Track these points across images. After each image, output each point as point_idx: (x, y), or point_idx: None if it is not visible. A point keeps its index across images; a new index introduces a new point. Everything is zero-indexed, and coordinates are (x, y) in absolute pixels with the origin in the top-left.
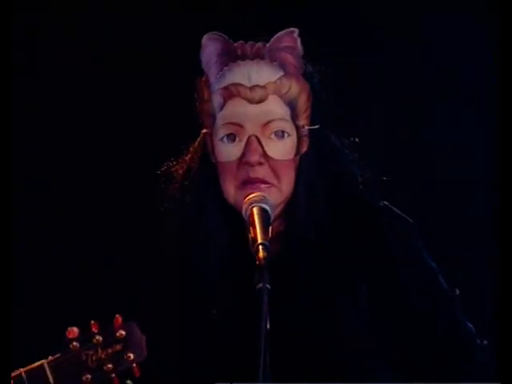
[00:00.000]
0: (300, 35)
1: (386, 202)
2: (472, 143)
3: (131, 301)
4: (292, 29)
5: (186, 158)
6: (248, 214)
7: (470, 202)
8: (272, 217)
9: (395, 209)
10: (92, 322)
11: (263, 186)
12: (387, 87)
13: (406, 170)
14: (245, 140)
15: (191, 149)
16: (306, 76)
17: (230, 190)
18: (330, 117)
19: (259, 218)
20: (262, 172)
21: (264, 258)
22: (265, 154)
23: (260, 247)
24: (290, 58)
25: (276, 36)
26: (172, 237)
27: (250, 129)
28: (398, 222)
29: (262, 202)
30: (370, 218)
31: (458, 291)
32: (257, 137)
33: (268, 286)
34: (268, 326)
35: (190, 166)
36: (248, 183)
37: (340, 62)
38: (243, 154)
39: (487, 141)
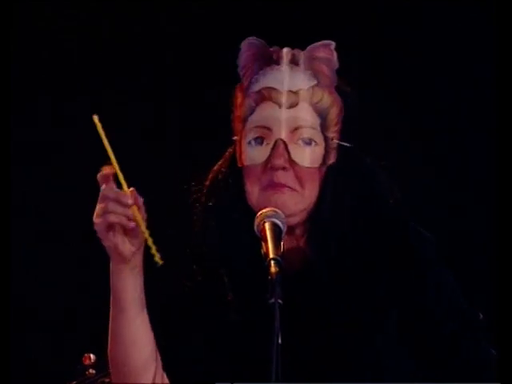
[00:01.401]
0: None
1: (413, 223)
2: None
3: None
4: (329, 41)
5: (215, 169)
6: (260, 229)
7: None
8: (284, 230)
9: (423, 230)
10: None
11: (286, 189)
12: (417, 109)
13: (434, 190)
14: (272, 143)
15: (222, 158)
16: (341, 93)
17: (254, 192)
18: (361, 136)
19: (271, 233)
20: (285, 178)
21: (276, 272)
22: (290, 160)
23: (272, 262)
24: (324, 69)
25: (313, 45)
26: (197, 240)
27: (278, 133)
28: (427, 244)
29: (273, 216)
30: (398, 238)
31: (481, 316)
32: (284, 141)
33: (280, 301)
34: (280, 341)
35: (218, 173)
36: (271, 187)
37: (373, 84)
38: (269, 158)
39: None
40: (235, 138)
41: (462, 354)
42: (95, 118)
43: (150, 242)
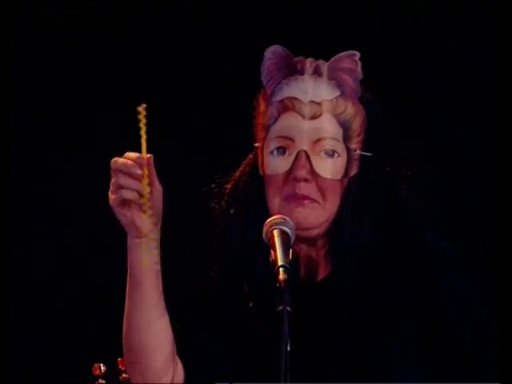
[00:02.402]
0: (361, 61)
1: (433, 234)
2: None
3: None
4: (354, 51)
5: (236, 174)
6: (268, 236)
7: None
8: (293, 237)
9: (443, 241)
10: (119, 359)
11: (307, 201)
12: (441, 119)
13: (457, 202)
14: (294, 154)
15: (243, 164)
16: (364, 102)
17: (275, 203)
18: (384, 146)
19: (279, 241)
20: (307, 189)
21: (284, 280)
22: (312, 171)
23: (280, 269)
24: (348, 80)
25: (337, 56)
26: (217, 248)
27: (301, 144)
28: (446, 256)
29: (282, 224)
30: (418, 250)
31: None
32: (306, 152)
33: (288, 308)
34: (288, 349)
35: (240, 179)
36: (293, 198)
37: (399, 93)
38: (291, 169)
39: None
40: (257, 144)
41: (478, 368)
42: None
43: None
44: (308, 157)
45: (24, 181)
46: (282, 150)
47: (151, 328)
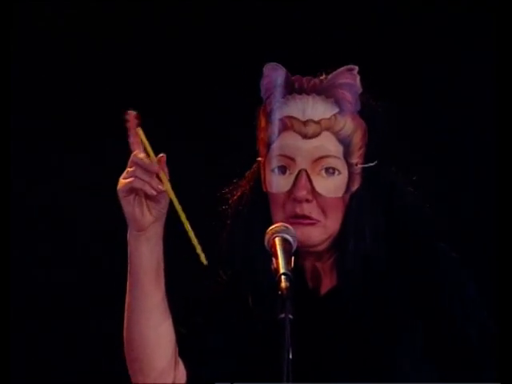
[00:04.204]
0: (363, 70)
1: (443, 244)
2: None
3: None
4: (352, 66)
5: (242, 184)
6: (270, 244)
7: None
8: (294, 245)
9: (451, 251)
10: None
11: (307, 222)
12: (441, 119)
13: (457, 202)
14: (295, 174)
15: (247, 175)
16: (366, 113)
17: (279, 218)
18: (389, 153)
19: (281, 249)
20: (308, 209)
21: (286, 288)
22: (313, 190)
23: (282, 277)
24: (347, 96)
25: (335, 72)
26: (221, 260)
27: (301, 163)
28: (457, 267)
29: (284, 232)
30: (425, 260)
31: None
32: (307, 172)
33: (290, 316)
34: (290, 357)
35: (244, 191)
36: (294, 218)
37: (399, 93)
38: (292, 188)
39: None
40: (260, 159)
41: (482, 370)
42: (139, 131)
43: (194, 241)
44: (308, 176)
45: (24, 181)
46: (283, 169)
47: (153, 330)
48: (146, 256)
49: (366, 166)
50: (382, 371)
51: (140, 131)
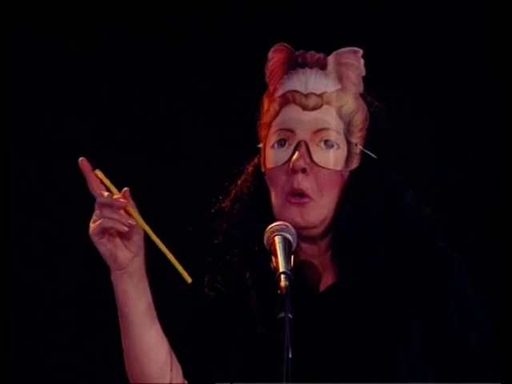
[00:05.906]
0: (365, 63)
1: (442, 244)
2: None
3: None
4: (357, 48)
5: (241, 179)
6: (270, 243)
7: None
8: (294, 244)
9: (451, 250)
10: None
11: (302, 201)
12: (441, 119)
13: (457, 202)
14: (294, 145)
15: (246, 169)
16: (367, 101)
17: (277, 200)
18: (389, 153)
19: (281, 247)
20: (305, 183)
21: (286, 287)
22: (311, 162)
23: (282, 276)
24: (351, 75)
25: (339, 50)
26: (220, 248)
27: (301, 134)
28: (453, 265)
29: (283, 231)
30: (426, 257)
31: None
32: (306, 143)
33: (290, 315)
34: (290, 355)
35: (244, 184)
36: (291, 196)
37: (398, 93)
38: (290, 159)
39: None
40: (260, 145)
41: (482, 376)
42: (98, 173)
43: (174, 262)
44: (307, 147)
45: (24, 181)
46: (282, 142)
47: (154, 363)
48: (134, 299)
49: (367, 152)
50: (380, 368)
51: (99, 173)
